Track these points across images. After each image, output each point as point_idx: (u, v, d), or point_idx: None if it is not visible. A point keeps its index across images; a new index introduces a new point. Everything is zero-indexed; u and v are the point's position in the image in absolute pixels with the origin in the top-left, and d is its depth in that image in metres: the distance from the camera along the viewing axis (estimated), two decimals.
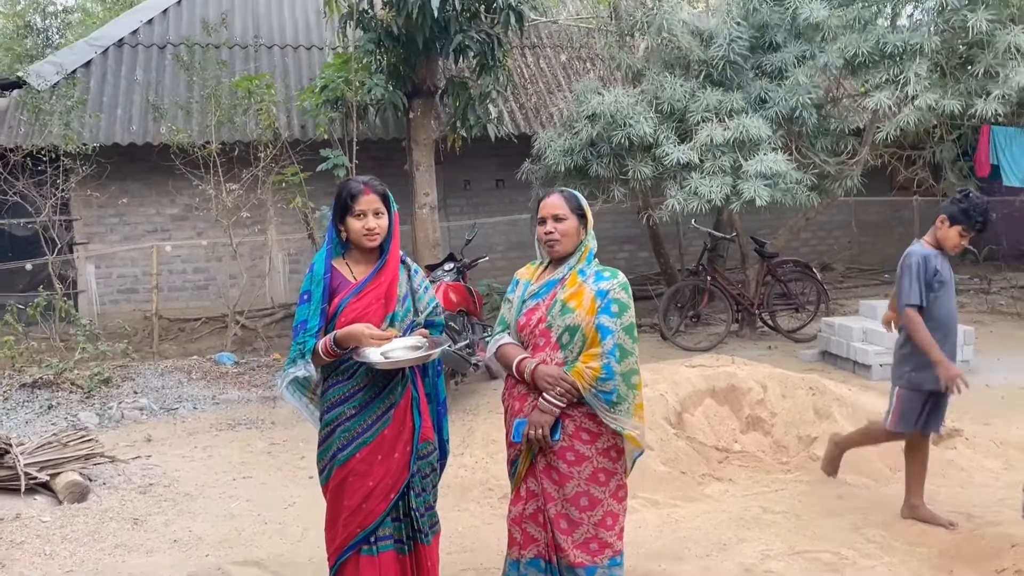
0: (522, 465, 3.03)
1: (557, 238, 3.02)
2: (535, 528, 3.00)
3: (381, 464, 3.01)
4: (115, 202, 10.16)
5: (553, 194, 3.11)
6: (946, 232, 4.26)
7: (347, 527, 3.02)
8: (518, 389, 3.02)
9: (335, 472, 3.04)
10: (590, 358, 2.91)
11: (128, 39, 11.20)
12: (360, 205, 2.98)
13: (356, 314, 2.97)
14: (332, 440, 3.04)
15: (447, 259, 8.06)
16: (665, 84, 8.06)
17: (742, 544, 4.19)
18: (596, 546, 2.95)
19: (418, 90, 9.28)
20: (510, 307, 3.12)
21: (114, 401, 7.28)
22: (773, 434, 5.58)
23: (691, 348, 8.76)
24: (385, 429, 3.02)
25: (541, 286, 3.07)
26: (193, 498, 5.30)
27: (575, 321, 2.94)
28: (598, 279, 3.01)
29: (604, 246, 12.28)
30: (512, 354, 3.02)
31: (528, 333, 3.02)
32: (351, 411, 3.01)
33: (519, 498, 3.05)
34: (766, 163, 7.35)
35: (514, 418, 3.03)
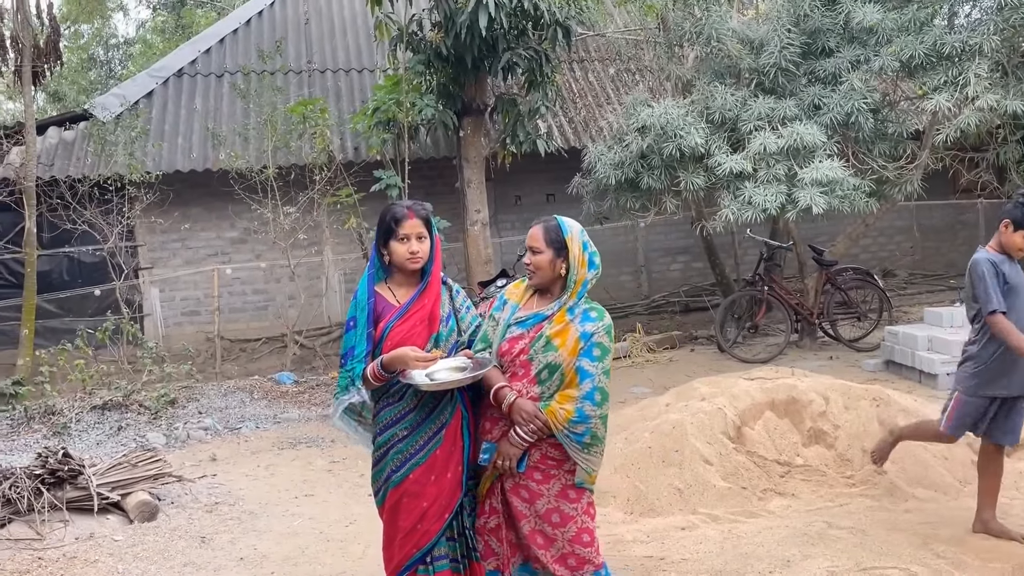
0: (484, 485, 3.09)
1: (533, 270, 3.05)
2: (495, 543, 3.09)
3: (434, 484, 3.02)
4: (177, 227, 10.48)
5: (536, 225, 3.08)
6: (1010, 237, 4.14)
7: (403, 548, 3.04)
8: (492, 411, 3.05)
9: (389, 494, 3.07)
10: (566, 399, 2.95)
11: (187, 69, 11.57)
12: (404, 229, 3.01)
13: (401, 337, 3.01)
14: (385, 462, 3.07)
15: (499, 275, 8.06)
16: (716, 94, 8.00)
17: (807, 560, 4.10)
18: (574, 562, 3.02)
19: (468, 108, 9.38)
20: (494, 326, 3.09)
21: (180, 421, 7.48)
22: (836, 447, 5.45)
23: (749, 360, 8.62)
24: (437, 449, 3.04)
25: (529, 316, 3.05)
26: (257, 516, 5.41)
27: (556, 360, 2.97)
28: (584, 320, 3.01)
29: (657, 258, 12.24)
30: (493, 379, 3.01)
31: (509, 360, 3.03)
32: (403, 432, 3.04)
33: (483, 511, 3.12)
34: (822, 170, 7.22)
35: (484, 437, 3.07)
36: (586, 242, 3.06)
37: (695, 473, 5.05)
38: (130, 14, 32.93)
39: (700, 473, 5.05)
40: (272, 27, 12.39)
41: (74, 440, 7.01)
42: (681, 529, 4.63)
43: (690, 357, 9.09)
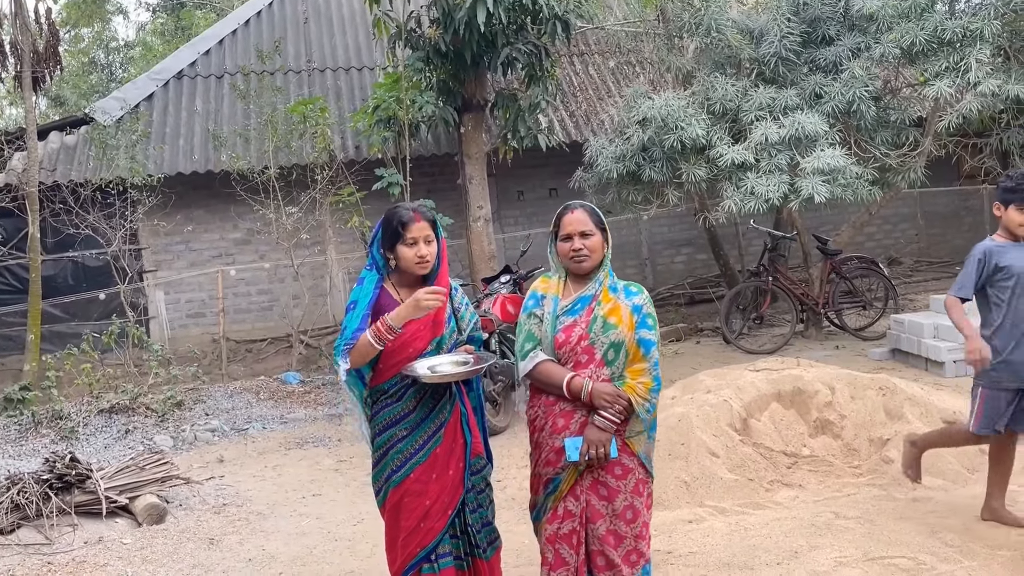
0: (567, 483, 2.99)
1: (587, 255, 3.02)
2: (567, 550, 2.98)
3: (436, 483, 3.03)
4: (181, 230, 10.50)
5: (577, 209, 3.08)
6: (1007, 217, 4.11)
7: (407, 547, 3.05)
8: (560, 406, 2.98)
9: (391, 493, 3.08)
10: (639, 373, 2.96)
11: (187, 71, 11.58)
12: (412, 233, 2.98)
13: (404, 339, 3.01)
14: (386, 462, 3.08)
15: (503, 271, 8.09)
16: (716, 84, 7.97)
17: (815, 551, 4.09)
18: (635, 557, 3.01)
19: (468, 105, 9.37)
20: (539, 322, 3.03)
21: (187, 424, 7.50)
22: (843, 437, 5.43)
23: (755, 351, 8.61)
24: (437, 448, 3.04)
25: (573, 302, 3.04)
26: (265, 517, 5.42)
27: (619, 337, 2.96)
28: (628, 294, 3.06)
29: (661, 250, 12.21)
30: (557, 372, 2.97)
31: (569, 350, 2.98)
32: (403, 432, 3.04)
33: (556, 516, 3.01)
34: (824, 159, 7.19)
35: (555, 436, 3.00)
36: None
37: (701, 466, 5.04)
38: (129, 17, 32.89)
39: (706, 466, 5.04)
40: (271, 27, 12.39)
41: (82, 444, 7.03)
42: (688, 522, 4.62)
43: (696, 349, 9.08)
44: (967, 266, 4.17)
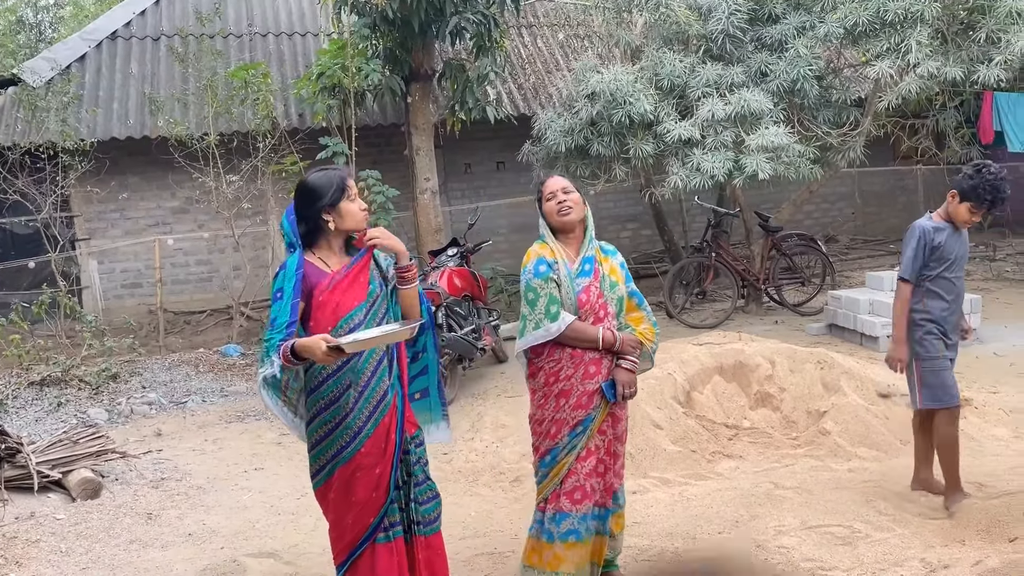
0: (598, 422, 3.37)
1: (570, 206, 3.38)
2: (596, 481, 3.37)
3: (385, 452, 3.01)
4: (115, 197, 10.14)
5: (553, 176, 3.53)
6: (956, 208, 4.17)
7: (361, 520, 3.01)
8: (590, 355, 3.34)
9: (339, 470, 3.01)
10: (641, 320, 3.49)
11: (121, 32, 11.13)
12: (353, 188, 3.02)
13: (334, 304, 2.96)
14: (333, 438, 3.00)
15: (450, 244, 8.03)
16: (664, 60, 7.99)
17: (754, 520, 4.19)
18: (622, 470, 3.56)
19: (415, 74, 9.22)
20: (557, 287, 3.32)
21: (123, 396, 7.30)
22: (782, 409, 5.57)
23: (697, 325, 8.74)
24: (384, 416, 3.02)
25: (580, 264, 3.39)
26: (205, 491, 5.32)
27: (621, 292, 3.44)
28: (610, 253, 3.52)
29: (607, 225, 12.27)
30: (589, 328, 3.34)
31: (590, 307, 3.35)
32: (348, 405, 2.98)
33: (590, 453, 3.36)
34: (768, 137, 7.29)
35: (587, 381, 3.34)
36: None
37: (646, 438, 5.11)
38: None
39: (651, 438, 5.12)
40: None
41: (11, 418, 6.78)
42: (632, 493, 4.67)
43: None
44: (909, 245, 4.20)
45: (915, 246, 4.18)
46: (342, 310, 2.96)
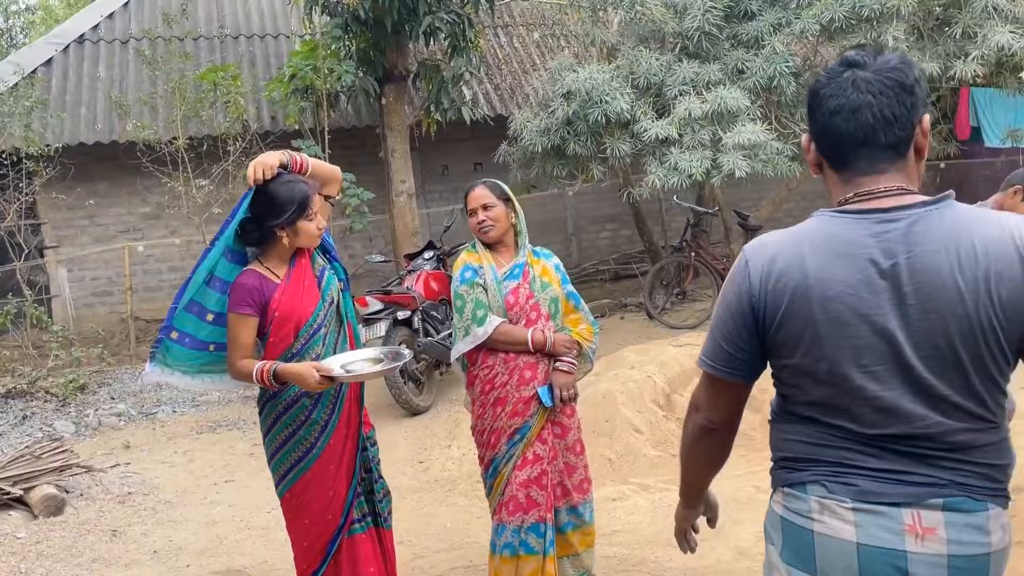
0: (535, 430, 3.21)
1: (490, 224, 3.27)
2: (538, 492, 3.17)
3: (347, 445, 3.00)
4: (83, 203, 9.92)
5: (478, 186, 3.33)
6: (1017, 204, 3.86)
7: (327, 520, 2.96)
8: (523, 360, 3.22)
9: (307, 471, 2.95)
10: (578, 321, 3.37)
11: (89, 35, 10.91)
12: (314, 206, 2.89)
13: (289, 307, 2.88)
14: (296, 440, 2.94)
15: (427, 247, 7.91)
16: (640, 58, 7.89)
17: (736, 527, 4.09)
18: (586, 484, 3.37)
19: (389, 75, 9.08)
20: (484, 291, 3.25)
21: (91, 408, 7.11)
22: (764, 411, 5.43)
23: (678, 326, 8.66)
24: (343, 407, 3.00)
25: (510, 269, 3.30)
26: (173, 505, 5.16)
27: (554, 293, 3.33)
28: (547, 257, 3.44)
29: (586, 226, 12.19)
30: (517, 330, 3.23)
31: (520, 309, 3.25)
32: (310, 403, 2.93)
33: (527, 462, 3.19)
34: (745, 134, 7.20)
35: (523, 387, 3.21)
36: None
37: (626, 443, 5.01)
38: None
39: (631, 443, 5.02)
40: None
41: None
42: (613, 500, 4.58)
43: (620, 325, 9.08)
44: None
45: None
46: (304, 318, 2.90)
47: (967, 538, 1.52)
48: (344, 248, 10.93)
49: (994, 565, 1.55)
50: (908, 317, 1.52)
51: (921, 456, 1.55)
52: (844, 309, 1.55)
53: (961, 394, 1.53)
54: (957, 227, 1.52)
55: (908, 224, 1.55)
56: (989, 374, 1.53)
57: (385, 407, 6.75)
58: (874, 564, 1.54)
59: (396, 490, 5.11)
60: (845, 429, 1.60)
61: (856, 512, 1.57)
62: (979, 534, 1.53)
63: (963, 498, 1.53)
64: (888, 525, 1.54)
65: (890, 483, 1.55)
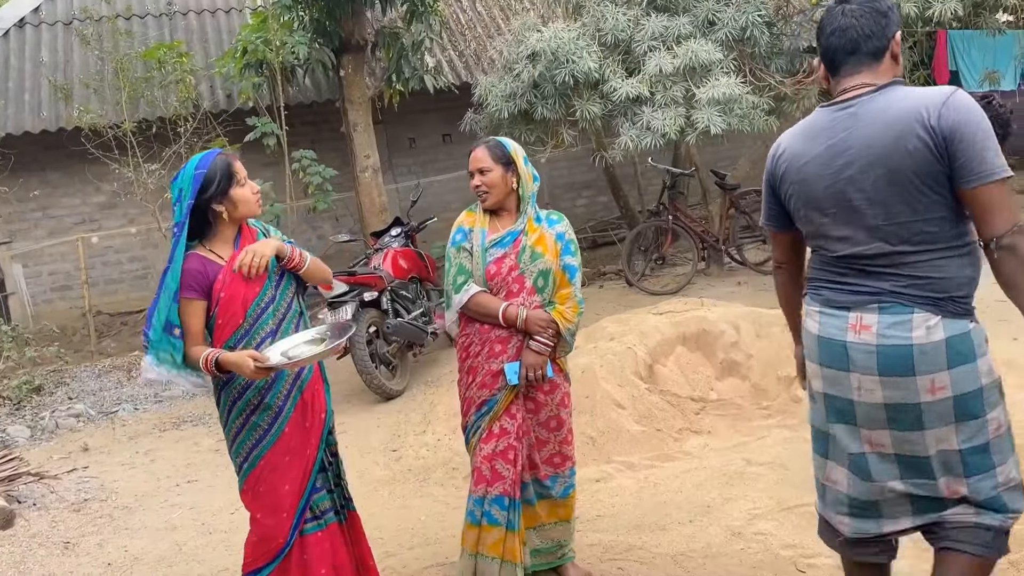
0: (502, 404, 3.12)
1: (485, 190, 3.13)
2: (503, 465, 3.09)
3: (312, 427, 2.84)
4: (30, 195, 9.47)
5: (478, 146, 3.18)
6: None
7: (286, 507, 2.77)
8: (496, 333, 3.11)
9: (265, 457, 2.78)
10: (565, 298, 3.15)
11: (30, 18, 10.37)
12: (241, 171, 2.77)
13: (234, 286, 2.73)
14: (250, 427, 2.78)
15: (393, 224, 7.57)
16: (607, 14, 7.53)
17: (727, 504, 3.85)
18: (559, 460, 3.24)
19: (346, 45, 8.65)
20: (469, 256, 3.14)
21: (47, 410, 6.75)
22: (751, 378, 5.24)
23: (658, 292, 8.39)
24: (306, 387, 2.84)
25: (503, 236, 3.13)
26: (132, 511, 4.85)
27: (546, 265, 3.11)
28: (551, 223, 3.20)
29: (561, 194, 11.86)
30: (492, 302, 3.10)
31: (501, 280, 3.10)
32: (263, 387, 2.76)
33: (492, 436, 3.12)
34: (719, 88, 6.90)
35: (492, 360, 3.11)
36: (525, 157, 3.20)
37: (608, 419, 4.74)
38: None
39: (613, 418, 4.75)
40: None
41: None
42: (596, 481, 4.32)
43: (599, 294, 8.80)
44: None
45: None
46: (250, 297, 2.75)
47: (892, 332, 2.10)
48: (312, 228, 10.56)
49: (918, 355, 2.08)
50: (851, 172, 2.14)
51: (866, 271, 2.16)
52: (809, 173, 2.24)
53: (893, 224, 2.11)
54: (888, 105, 2.11)
55: (856, 107, 2.17)
56: (916, 208, 2.08)
57: (357, 393, 6.46)
58: (827, 348, 2.22)
59: (369, 481, 4.86)
60: (822, 255, 2.28)
61: (820, 314, 2.25)
62: (903, 330, 2.09)
63: (893, 304, 2.11)
64: (838, 324, 2.19)
65: (843, 292, 2.20)
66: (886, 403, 2.12)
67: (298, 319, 2.89)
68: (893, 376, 2.09)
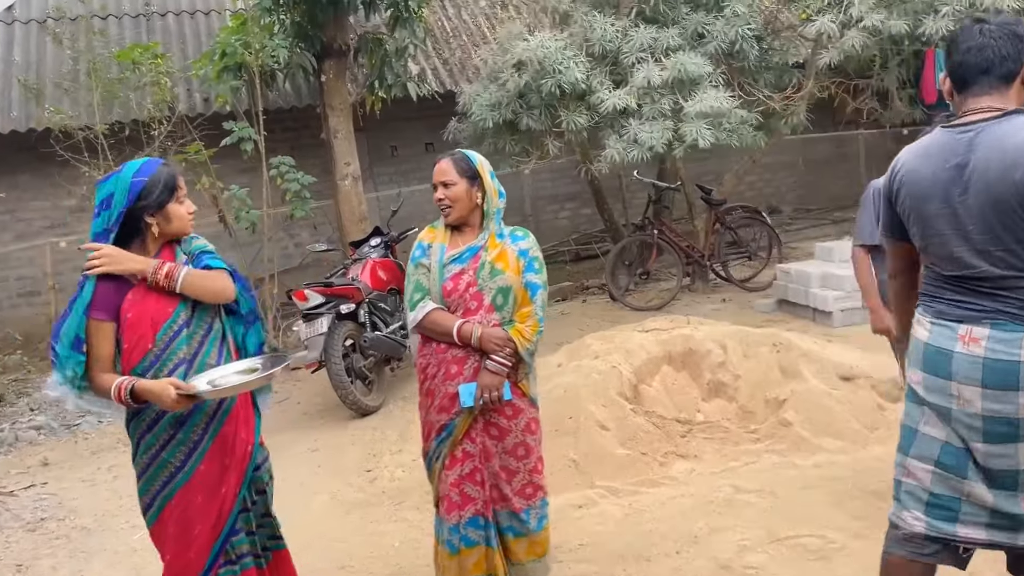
0: (461, 428, 3.00)
1: (448, 204, 3.02)
2: (472, 487, 3.02)
3: (231, 465, 2.60)
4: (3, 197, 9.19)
5: (443, 159, 3.08)
6: None
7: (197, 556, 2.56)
8: (452, 353, 2.99)
9: (176, 496, 2.56)
10: (525, 317, 3.01)
11: (3, 16, 10.11)
12: (182, 187, 2.60)
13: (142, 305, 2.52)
14: (161, 463, 2.55)
15: (373, 234, 7.38)
16: (595, 24, 7.40)
17: (715, 535, 3.68)
18: (531, 490, 3.10)
19: (328, 50, 8.46)
20: (427, 272, 3.04)
21: (7, 421, 6.49)
22: (738, 399, 5.07)
23: (642, 308, 8.25)
24: (224, 423, 2.60)
25: (462, 252, 3.03)
26: (90, 532, 4.62)
27: (506, 282, 3.00)
28: (515, 239, 3.09)
29: (544, 206, 11.71)
30: (447, 320, 2.98)
31: (458, 297, 2.99)
32: (172, 426, 2.53)
33: (456, 460, 3.02)
34: (708, 101, 6.78)
35: (448, 382, 2.99)
36: (492, 171, 3.11)
37: (591, 441, 4.56)
38: None
39: (597, 441, 4.57)
40: None
41: None
42: (579, 507, 4.14)
43: (582, 309, 8.65)
44: (862, 208, 3.88)
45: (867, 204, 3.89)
46: (160, 319, 2.52)
47: (1000, 348, 2.19)
48: (289, 236, 10.33)
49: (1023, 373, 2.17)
50: (966, 198, 2.23)
51: (977, 291, 2.26)
52: (923, 192, 2.32)
53: (1003, 250, 2.20)
54: (1008, 133, 2.17)
55: (976, 132, 2.22)
56: (1020, 236, 2.18)
57: (331, 408, 6.25)
58: (933, 356, 2.32)
59: (342, 504, 4.65)
60: (935, 273, 2.37)
61: (932, 324, 2.35)
62: (1012, 347, 2.18)
63: (1005, 322, 2.21)
64: (948, 334, 2.29)
65: (956, 307, 2.30)
66: (984, 415, 2.21)
67: (220, 343, 2.66)
68: (996, 389, 2.18)
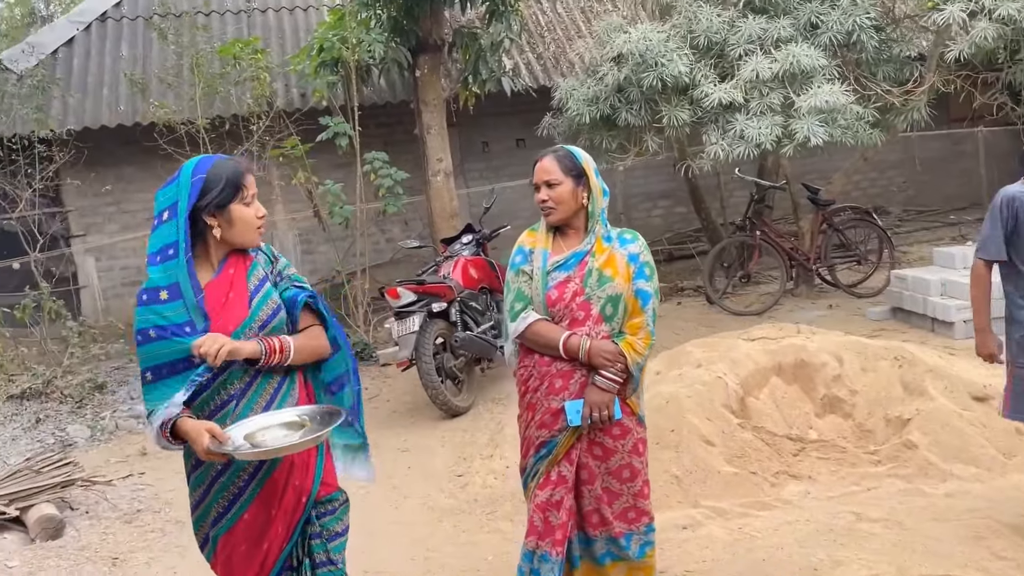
0: (563, 447, 2.83)
1: (552, 206, 2.85)
2: (556, 516, 2.85)
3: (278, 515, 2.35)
4: (108, 190, 9.47)
5: (545, 156, 2.91)
6: None
7: None
8: (557, 366, 2.81)
9: (221, 541, 2.37)
10: (636, 328, 2.81)
11: (112, 12, 10.41)
12: (251, 187, 2.35)
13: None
14: (209, 501, 2.36)
15: (464, 231, 7.25)
16: (699, 15, 7.06)
17: (838, 569, 3.36)
18: (633, 515, 2.93)
19: (423, 45, 8.37)
20: (528, 280, 2.86)
21: (107, 410, 6.63)
22: (855, 416, 4.71)
23: (742, 312, 7.87)
24: (274, 472, 2.34)
25: (567, 257, 2.84)
26: (184, 526, 4.57)
27: (616, 290, 2.80)
28: (623, 243, 2.89)
29: (637, 203, 11.38)
30: (552, 332, 2.80)
31: (564, 307, 2.81)
32: (216, 469, 2.33)
33: (549, 482, 2.85)
34: (822, 96, 6.36)
35: (552, 397, 2.82)
36: (597, 168, 2.93)
37: (695, 456, 4.30)
38: None
39: (701, 456, 4.30)
40: None
41: None
42: (683, 528, 3.89)
43: (677, 311, 8.33)
44: (989, 218, 3.52)
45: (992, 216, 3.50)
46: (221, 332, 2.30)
47: None
48: (381, 232, 10.33)
49: None
50: None
51: None
52: None
53: None
54: None
55: None
56: None
57: (420, 408, 6.14)
58: None
59: (433, 510, 4.52)
60: None
61: None
62: None
63: None
64: None
65: None
66: None
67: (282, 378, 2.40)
68: None
